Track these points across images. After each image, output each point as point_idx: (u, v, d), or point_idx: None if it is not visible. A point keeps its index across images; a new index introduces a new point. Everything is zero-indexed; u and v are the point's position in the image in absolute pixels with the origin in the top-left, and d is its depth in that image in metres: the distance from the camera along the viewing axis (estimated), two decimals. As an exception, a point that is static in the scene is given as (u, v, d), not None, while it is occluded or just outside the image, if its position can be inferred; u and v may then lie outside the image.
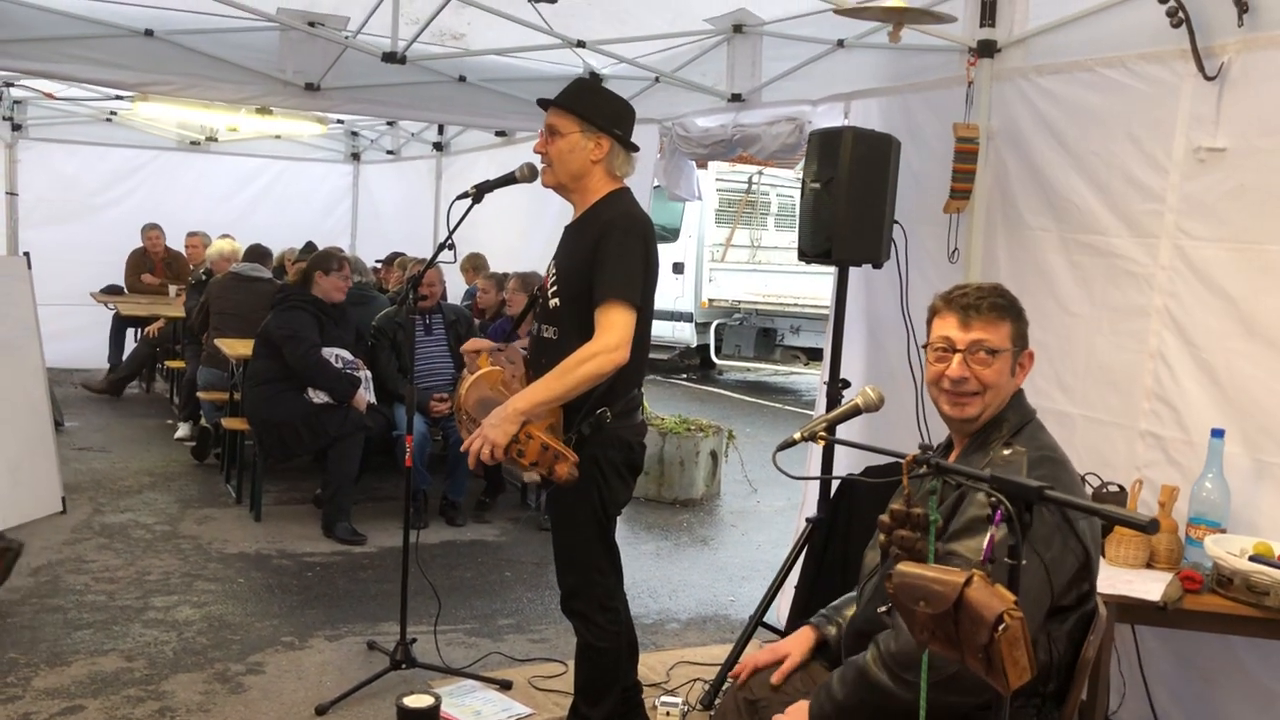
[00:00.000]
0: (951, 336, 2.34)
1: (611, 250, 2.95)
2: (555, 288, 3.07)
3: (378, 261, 8.70)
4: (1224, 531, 2.98)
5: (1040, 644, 2.13)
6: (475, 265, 7.92)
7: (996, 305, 2.33)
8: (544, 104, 3.15)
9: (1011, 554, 1.73)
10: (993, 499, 1.75)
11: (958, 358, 2.32)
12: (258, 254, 7.81)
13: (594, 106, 3.10)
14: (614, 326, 2.90)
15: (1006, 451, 2.23)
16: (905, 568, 1.78)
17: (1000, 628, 1.64)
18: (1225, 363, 3.12)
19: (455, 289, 7.87)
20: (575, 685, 3.33)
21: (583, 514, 3.13)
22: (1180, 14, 3.14)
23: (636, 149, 3.19)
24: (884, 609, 2.26)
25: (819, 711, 2.25)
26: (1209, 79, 3.13)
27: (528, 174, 3.43)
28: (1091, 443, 3.46)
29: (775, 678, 2.49)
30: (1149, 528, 1.58)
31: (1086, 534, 2.16)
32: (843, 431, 2.50)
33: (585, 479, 3.00)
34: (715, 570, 5.76)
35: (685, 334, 13.40)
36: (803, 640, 2.56)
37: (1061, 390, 3.57)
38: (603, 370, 2.91)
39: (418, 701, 2.34)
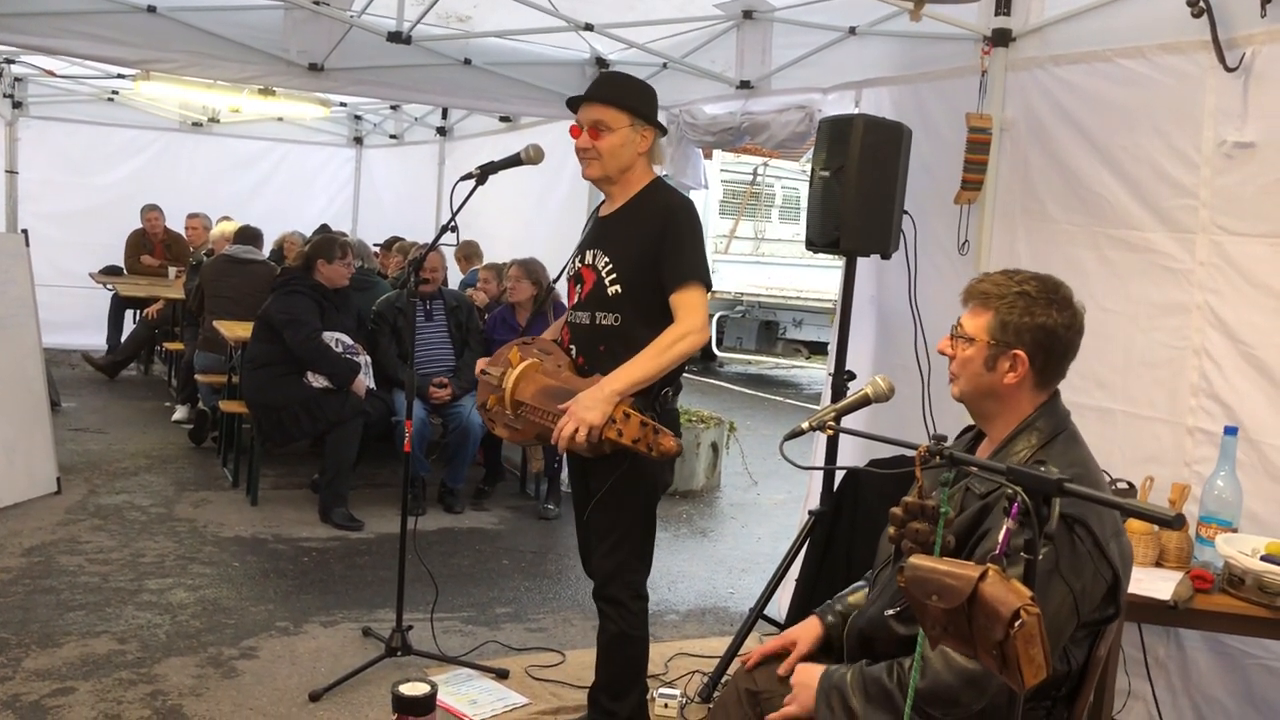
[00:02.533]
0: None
1: (684, 236, 3.04)
2: (614, 275, 3.08)
3: (376, 246, 8.64)
4: (1235, 531, 2.93)
5: (1057, 656, 2.07)
6: (468, 254, 7.87)
7: (981, 294, 2.25)
8: (577, 100, 3.15)
9: (1028, 549, 1.69)
10: (1010, 492, 1.70)
11: (948, 335, 2.31)
12: (249, 236, 7.68)
13: (641, 100, 3.14)
14: (697, 308, 3.00)
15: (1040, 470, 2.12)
16: (918, 561, 1.73)
17: (1016, 624, 1.59)
18: (1275, 357, 3.05)
19: (453, 276, 7.82)
20: (600, 680, 3.30)
21: (636, 497, 3.15)
22: (1201, 4, 3.08)
23: (665, 132, 3.23)
24: (892, 611, 2.21)
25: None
26: (1230, 70, 3.07)
27: (534, 155, 3.37)
28: (1136, 439, 3.40)
29: (782, 669, 2.44)
30: (1174, 523, 1.53)
31: (1117, 557, 2.07)
32: (847, 424, 2.45)
33: (644, 461, 3.00)
34: (715, 562, 5.72)
35: (687, 325, 13.32)
36: (810, 630, 2.51)
37: (1100, 386, 3.50)
38: (693, 349, 3.02)
39: (414, 689, 2.30)
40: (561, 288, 3.83)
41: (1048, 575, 1.94)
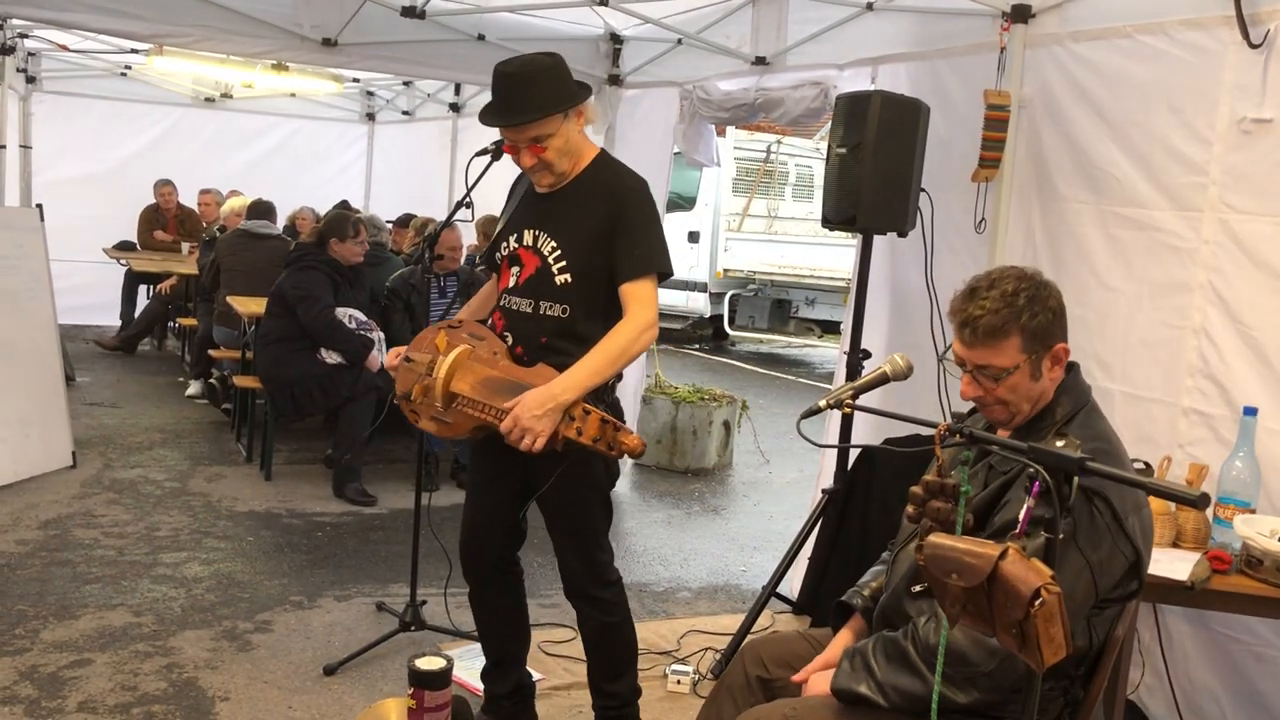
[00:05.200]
0: (961, 354, 2.22)
1: (640, 222, 2.84)
2: (564, 263, 2.85)
3: (389, 222, 8.63)
4: (1253, 512, 2.91)
5: (1080, 630, 2.06)
6: (487, 230, 7.82)
7: (991, 327, 2.13)
8: (494, 123, 2.87)
9: (1049, 527, 1.68)
10: (1030, 470, 1.69)
11: (968, 377, 2.22)
12: (263, 210, 7.67)
13: (559, 88, 2.83)
14: (649, 301, 2.80)
15: (1060, 443, 2.08)
16: (937, 539, 1.72)
17: (1036, 603, 1.58)
18: (1274, 340, 3.04)
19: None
20: (593, 668, 3.16)
21: (591, 492, 2.99)
22: (1227, -21, 3.04)
23: (591, 91, 2.97)
24: (918, 588, 2.20)
25: (847, 684, 2.17)
26: (1254, 47, 3.03)
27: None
28: (1132, 419, 3.39)
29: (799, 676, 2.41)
30: (1199, 502, 1.52)
31: (1137, 533, 2.05)
32: (863, 404, 2.44)
33: (594, 455, 2.84)
34: (727, 540, 5.73)
35: (699, 304, 13.29)
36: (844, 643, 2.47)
37: (1101, 367, 3.49)
38: (646, 348, 2.85)
39: (430, 664, 2.30)
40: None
41: (1064, 546, 1.92)
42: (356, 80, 10.06)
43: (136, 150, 10.47)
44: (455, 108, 9.49)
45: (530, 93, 2.80)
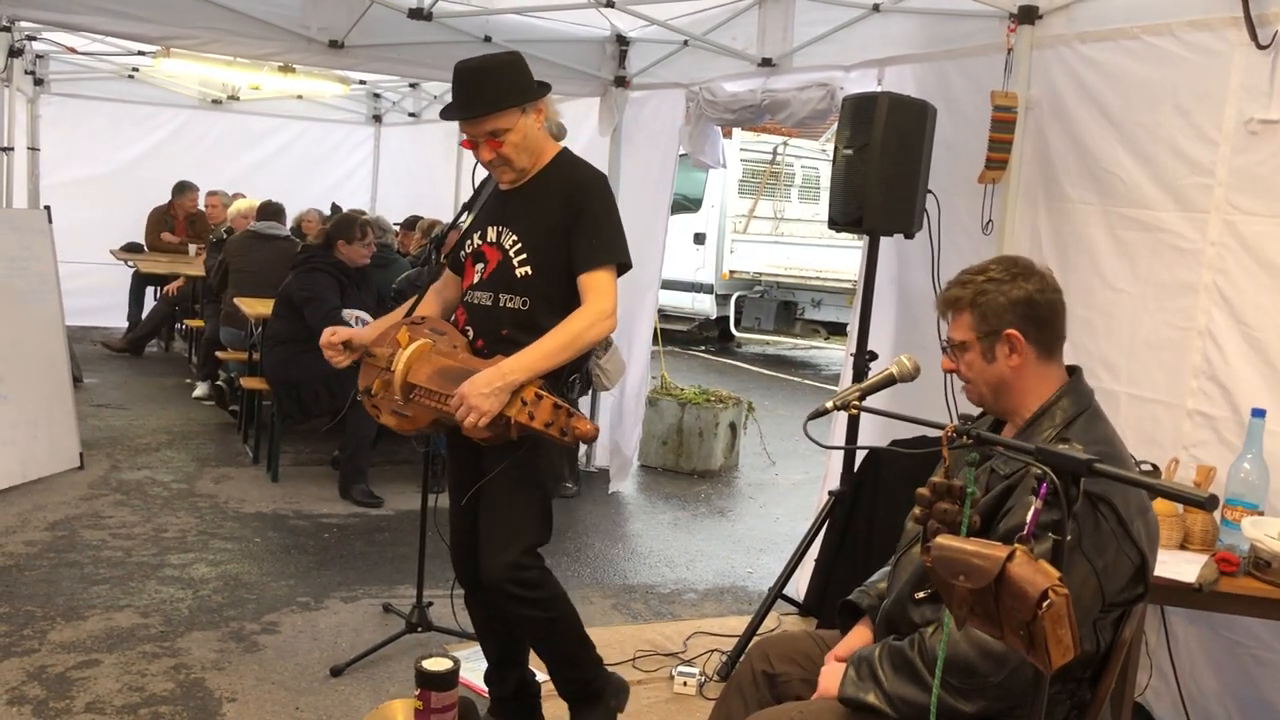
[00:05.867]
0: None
1: (597, 213, 2.86)
2: (523, 256, 2.88)
3: (396, 225, 8.64)
4: (1261, 514, 2.91)
5: (1086, 634, 2.06)
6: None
7: (951, 299, 2.28)
8: (453, 117, 2.89)
9: (1057, 529, 1.67)
10: (1038, 472, 1.69)
11: (945, 353, 2.32)
12: (272, 211, 7.71)
13: (516, 83, 2.87)
14: (606, 292, 2.81)
15: (1062, 448, 2.09)
16: (945, 541, 1.72)
17: (1044, 605, 1.58)
18: (1278, 341, 3.03)
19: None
20: (550, 667, 3.09)
21: (537, 488, 2.94)
22: (1235, -20, 3.04)
23: (550, 88, 2.98)
24: (923, 594, 2.20)
25: (855, 693, 2.16)
26: (1262, 48, 3.03)
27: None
28: (1137, 421, 3.39)
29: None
30: (1208, 504, 1.52)
31: (1143, 537, 2.05)
32: (869, 405, 2.44)
33: (551, 449, 2.84)
34: (733, 542, 5.72)
35: (705, 305, 13.28)
36: (859, 637, 2.46)
37: (1106, 368, 3.48)
38: (601, 337, 2.85)
39: (437, 665, 2.31)
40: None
41: (1070, 553, 1.92)
42: (363, 82, 10.07)
43: (144, 152, 10.50)
44: (461, 109, 9.48)
45: (487, 87, 2.84)
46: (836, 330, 12.99)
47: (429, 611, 4.01)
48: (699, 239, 13.05)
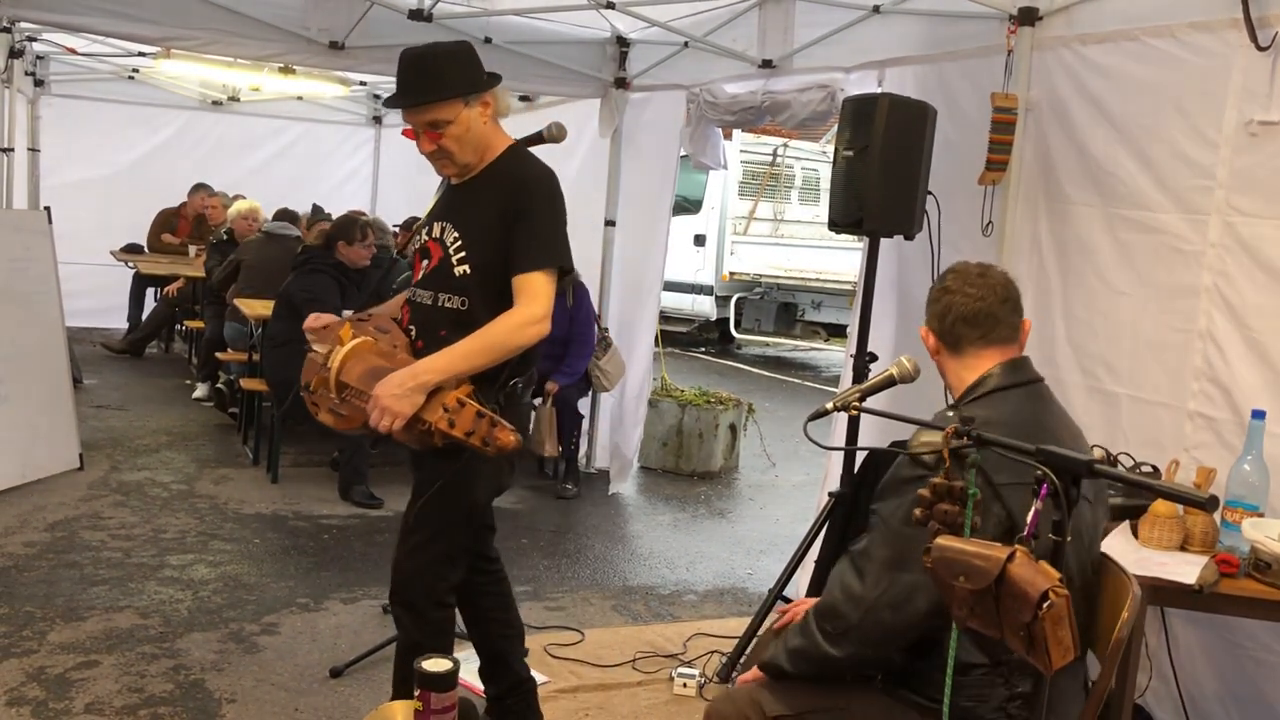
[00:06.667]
0: None
1: (538, 212, 2.76)
2: (463, 254, 2.78)
3: (395, 226, 8.64)
4: (1261, 515, 2.90)
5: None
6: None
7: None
8: (393, 105, 2.82)
9: (1056, 530, 1.68)
10: (1038, 472, 1.69)
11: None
12: (287, 216, 7.96)
13: (461, 74, 2.77)
14: (541, 296, 2.70)
15: (950, 413, 2.18)
16: (945, 541, 1.72)
17: (1044, 605, 1.58)
18: (1277, 343, 3.03)
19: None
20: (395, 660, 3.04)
21: (469, 497, 2.87)
22: (1235, -18, 3.04)
23: (500, 79, 2.89)
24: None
25: (770, 658, 2.29)
26: (1262, 49, 3.03)
27: (556, 134, 3.28)
28: (1139, 423, 3.39)
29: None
30: (1208, 505, 1.52)
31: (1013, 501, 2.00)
32: (869, 406, 2.44)
33: (485, 460, 2.68)
34: (733, 543, 5.72)
35: (705, 307, 13.28)
36: None
37: (1107, 370, 3.48)
38: (529, 342, 2.72)
39: (436, 666, 2.29)
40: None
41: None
42: (363, 83, 10.06)
43: (144, 153, 10.50)
44: (462, 111, 9.48)
45: (429, 76, 2.75)
46: (836, 332, 12.99)
47: (429, 612, 4.00)
48: (699, 240, 13.05)
